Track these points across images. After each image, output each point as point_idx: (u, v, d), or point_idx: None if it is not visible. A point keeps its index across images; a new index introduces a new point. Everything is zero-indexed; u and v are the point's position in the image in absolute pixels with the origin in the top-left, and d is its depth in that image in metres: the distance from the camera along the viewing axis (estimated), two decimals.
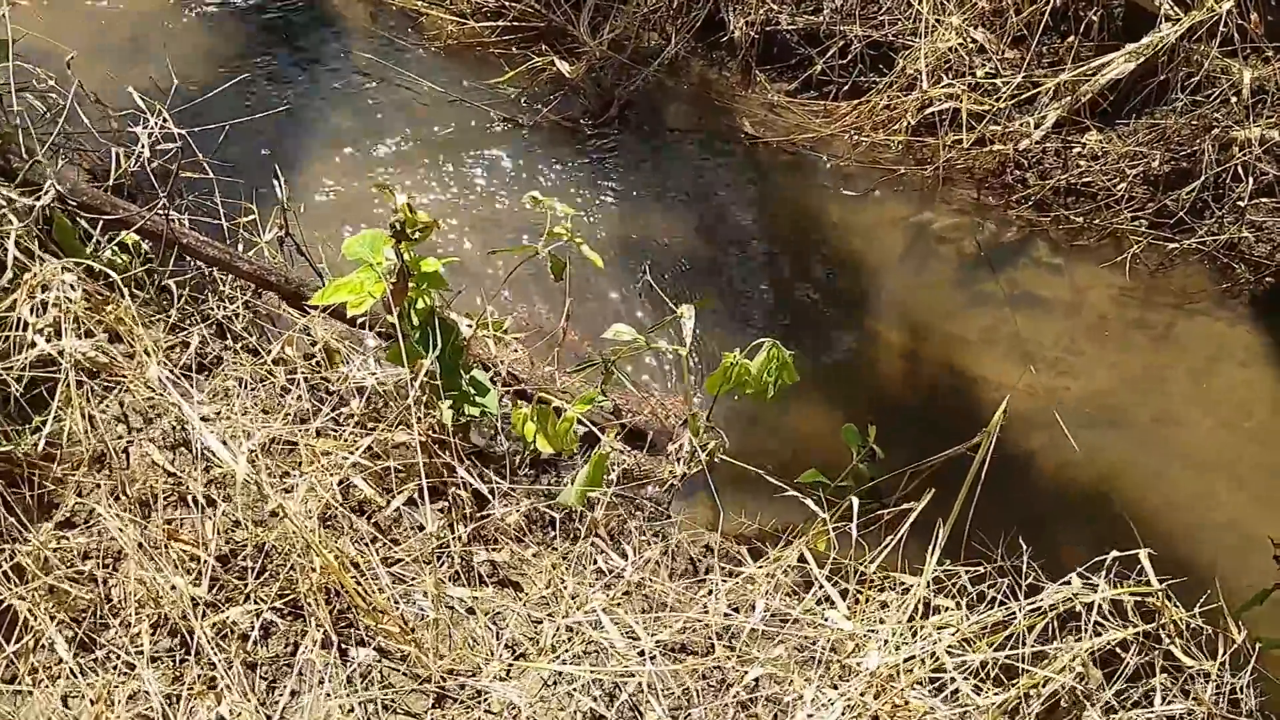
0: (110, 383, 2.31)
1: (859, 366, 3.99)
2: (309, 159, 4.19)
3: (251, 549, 2.45)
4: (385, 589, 2.44)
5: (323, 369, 2.96)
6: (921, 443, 3.66)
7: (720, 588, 2.62)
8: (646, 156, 4.44)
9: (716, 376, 3.18)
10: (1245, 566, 3.55)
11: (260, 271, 3.05)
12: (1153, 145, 4.20)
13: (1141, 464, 3.83)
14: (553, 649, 2.43)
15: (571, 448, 2.75)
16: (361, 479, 2.49)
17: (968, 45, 4.26)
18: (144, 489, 2.46)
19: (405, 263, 2.42)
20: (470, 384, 2.76)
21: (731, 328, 3.96)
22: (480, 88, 4.55)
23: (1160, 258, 4.25)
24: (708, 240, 4.20)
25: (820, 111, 4.58)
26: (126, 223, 2.88)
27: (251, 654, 2.29)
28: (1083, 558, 2.79)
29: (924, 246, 4.36)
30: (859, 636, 2.28)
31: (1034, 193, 4.36)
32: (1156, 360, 4.09)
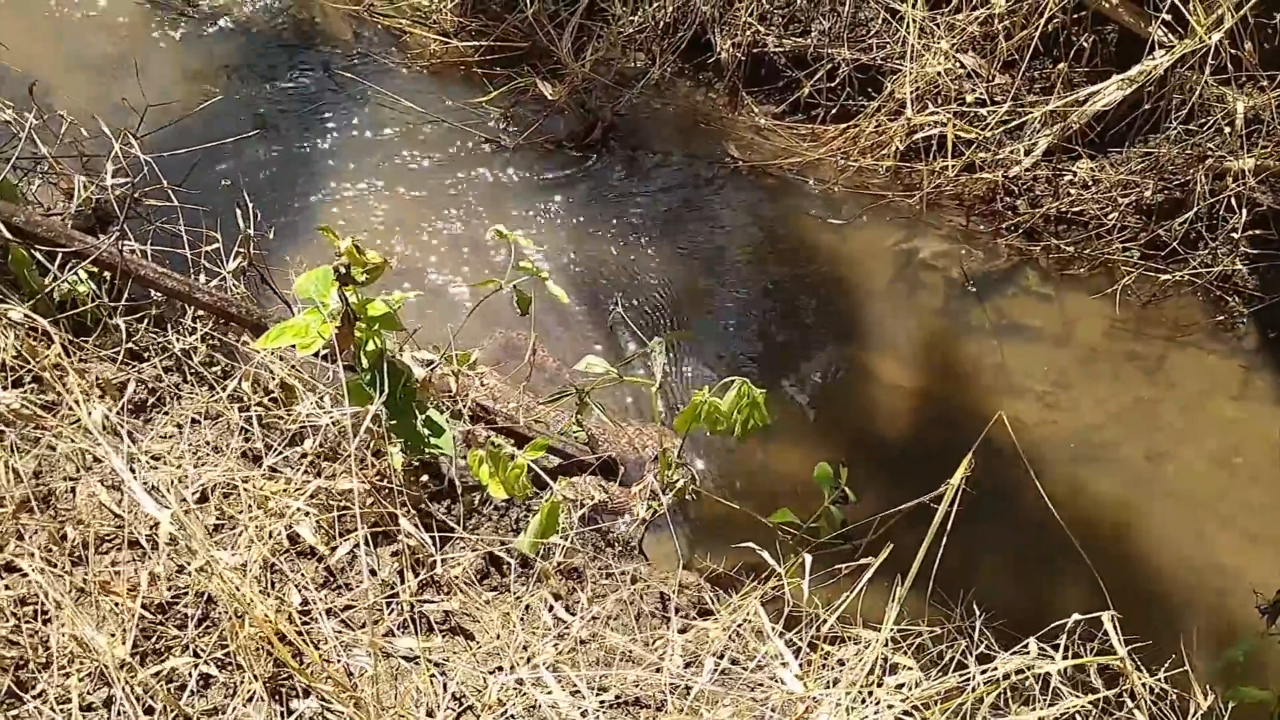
0: (44, 429, 2.25)
1: (842, 398, 3.92)
2: (286, 182, 4.14)
3: (193, 595, 2.39)
4: (328, 639, 2.38)
5: (280, 405, 2.90)
6: (904, 477, 3.57)
7: (676, 640, 2.55)
8: (630, 179, 4.38)
9: (686, 414, 3.11)
10: (1231, 609, 3.48)
11: (221, 303, 2.99)
12: (1145, 174, 4.11)
13: (1129, 501, 3.75)
14: (500, 703, 2.36)
15: (525, 493, 2.68)
16: (307, 525, 2.43)
17: (956, 70, 4.18)
18: (86, 531, 2.41)
19: (350, 306, 2.36)
20: (426, 424, 2.70)
21: (712, 358, 3.90)
22: (463, 108, 4.49)
23: (1152, 289, 4.16)
24: (690, 266, 4.13)
25: (807, 135, 4.51)
26: (82, 254, 2.83)
27: (186, 707, 2.23)
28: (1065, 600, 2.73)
29: (911, 274, 4.28)
30: (808, 699, 2.20)
31: (1024, 220, 4.27)
32: (1147, 394, 4.01)
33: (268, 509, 2.51)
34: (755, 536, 3.21)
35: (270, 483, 2.54)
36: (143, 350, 2.98)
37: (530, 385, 3.67)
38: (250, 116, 4.33)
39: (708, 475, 3.46)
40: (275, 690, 2.31)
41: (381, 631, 2.50)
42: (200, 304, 2.99)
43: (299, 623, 2.40)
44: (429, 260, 4.00)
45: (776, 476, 3.65)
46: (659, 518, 3.30)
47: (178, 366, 2.99)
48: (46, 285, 2.82)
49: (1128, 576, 3.52)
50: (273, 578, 2.48)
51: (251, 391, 2.87)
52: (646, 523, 3.29)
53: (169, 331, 3.03)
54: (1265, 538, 3.67)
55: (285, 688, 2.34)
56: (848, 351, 4.02)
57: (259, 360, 2.92)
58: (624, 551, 3.27)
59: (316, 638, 2.42)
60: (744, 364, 3.90)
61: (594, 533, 3.22)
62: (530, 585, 2.66)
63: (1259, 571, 3.40)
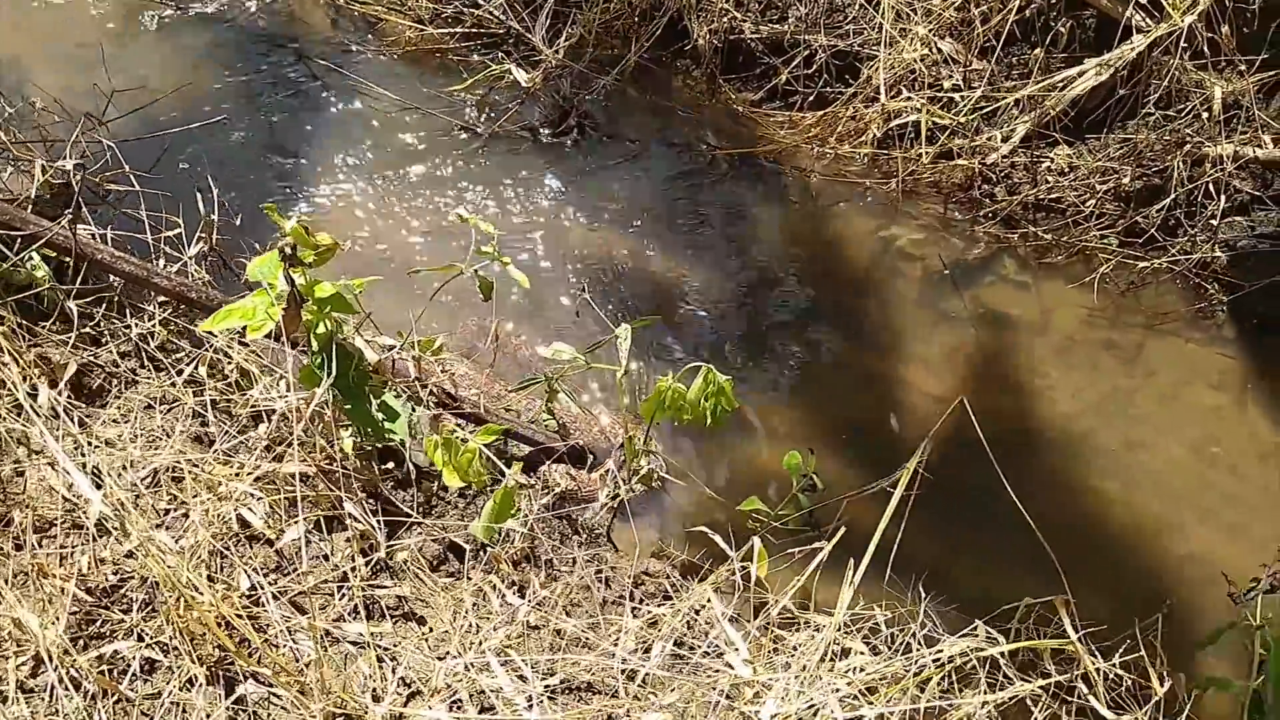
0: None
1: (815, 385, 3.88)
2: (257, 169, 4.12)
3: (138, 579, 2.38)
4: (275, 623, 2.36)
5: (238, 390, 2.88)
6: (875, 465, 3.55)
7: (629, 625, 2.52)
8: (604, 167, 4.34)
9: (651, 401, 3.09)
10: (1207, 600, 3.44)
11: (180, 288, 2.98)
12: (1124, 161, 4.07)
13: (1105, 491, 3.71)
14: (448, 687, 2.34)
15: (481, 480, 2.66)
16: (253, 509, 2.41)
17: (933, 56, 4.14)
18: (33, 515, 2.39)
19: (296, 288, 2.34)
20: (380, 409, 2.68)
21: (684, 344, 3.87)
22: (438, 95, 4.46)
23: (1130, 276, 4.12)
24: (664, 253, 4.10)
25: (785, 122, 4.47)
26: (35, 237, 2.81)
27: (128, 691, 2.21)
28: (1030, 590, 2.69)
29: (888, 262, 4.25)
30: (756, 683, 2.18)
31: (1002, 208, 4.23)
32: (1125, 383, 3.97)
33: (217, 492, 2.49)
34: (726, 522, 3.20)
35: (220, 467, 2.53)
36: (100, 335, 2.96)
37: (502, 372, 3.64)
38: (223, 103, 4.30)
39: (678, 463, 3.43)
40: (219, 674, 2.29)
41: (332, 616, 2.48)
42: (158, 288, 2.97)
43: (246, 607, 2.38)
44: (400, 246, 3.97)
45: (748, 464, 3.62)
46: (629, 505, 3.28)
47: (136, 352, 2.98)
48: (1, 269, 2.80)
49: (1102, 568, 3.48)
50: (222, 562, 2.46)
51: (208, 376, 2.85)
52: (613, 510, 3.27)
53: (128, 317, 3.01)
54: (1243, 528, 3.63)
55: (230, 672, 2.32)
56: (822, 338, 3.98)
57: (216, 345, 2.90)
58: (590, 539, 3.24)
59: (265, 622, 2.41)
60: (716, 351, 3.87)
61: (560, 520, 3.20)
62: (483, 570, 2.64)
63: (1237, 563, 3.36)
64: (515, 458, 3.31)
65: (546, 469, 3.33)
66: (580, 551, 3.02)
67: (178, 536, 2.36)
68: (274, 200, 3.99)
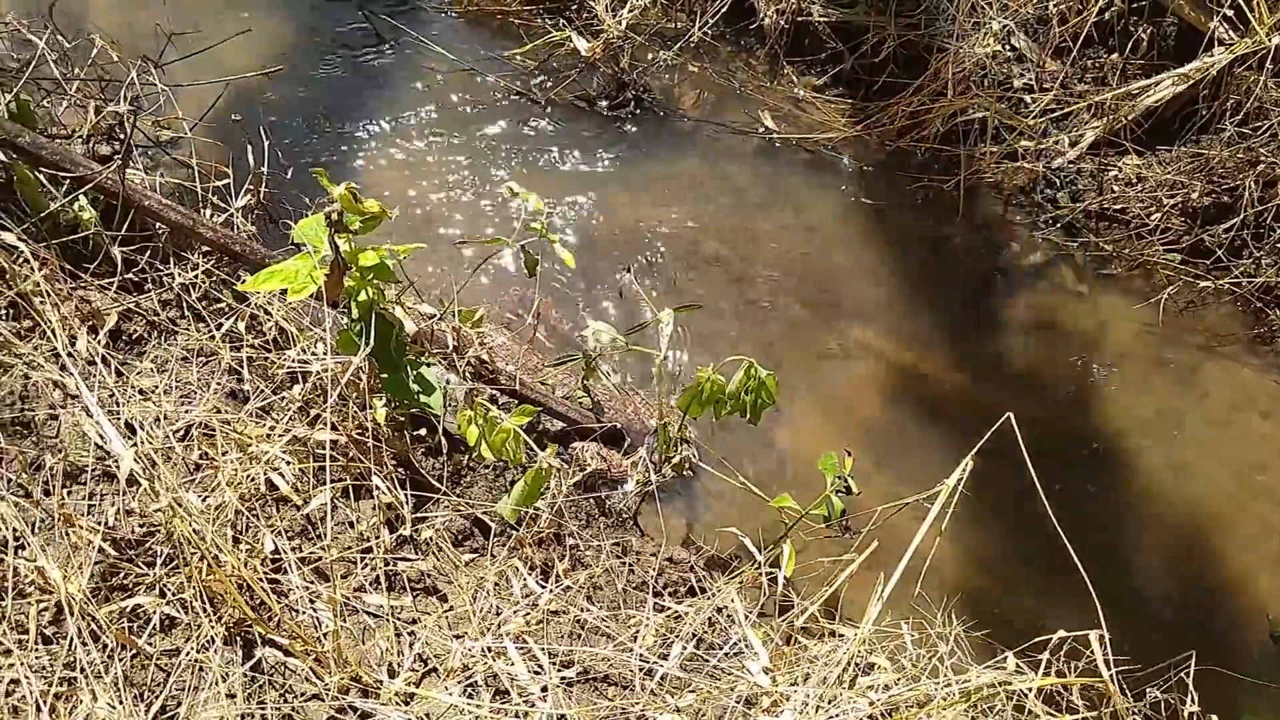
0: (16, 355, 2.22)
1: (857, 383, 3.81)
2: (309, 124, 4.08)
3: (164, 533, 2.37)
4: (296, 589, 2.35)
5: (276, 349, 2.86)
6: (912, 470, 3.50)
7: (651, 620, 2.49)
8: (658, 144, 4.27)
9: (689, 393, 3.04)
10: (1243, 632, 3.36)
11: (224, 239, 2.95)
12: (1194, 175, 3.94)
13: (1146, 512, 3.62)
14: (464, 668, 2.32)
15: (518, 458, 2.62)
16: (282, 474, 2.39)
17: (1006, 53, 4.02)
18: (64, 461, 2.39)
19: (340, 255, 2.30)
20: (416, 380, 2.65)
21: (727, 332, 3.80)
22: (497, 58, 4.40)
23: (1191, 295, 4.01)
24: (714, 236, 4.03)
25: (846, 110, 4.37)
26: (84, 180, 2.79)
27: (147, 645, 2.20)
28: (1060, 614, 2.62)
29: (941, 261, 4.16)
30: (776, 693, 2.14)
31: (1064, 215, 4.12)
32: (1175, 404, 3.87)
33: (247, 453, 2.47)
34: (756, 518, 3.16)
35: (253, 426, 2.51)
36: (142, 282, 2.95)
37: (539, 347, 3.61)
38: (281, 54, 4.26)
39: (711, 452, 3.38)
40: (237, 637, 2.29)
41: (353, 586, 2.47)
42: (203, 239, 2.95)
43: (268, 571, 2.37)
44: (447, 212, 3.93)
45: (782, 459, 3.56)
46: (658, 491, 3.24)
47: (177, 302, 2.96)
48: (49, 209, 2.79)
49: (1135, 591, 3.41)
50: (247, 523, 2.45)
51: (247, 332, 2.83)
52: (641, 495, 3.24)
53: (172, 265, 3.00)
54: None
55: (249, 635, 2.31)
56: (868, 336, 3.90)
57: (258, 302, 2.88)
58: (617, 523, 3.21)
59: (286, 587, 2.39)
60: (758, 340, 3.80)
61: (588, 501, 3.17)
62: (507, 552, 2.61)
63: (1276, 595, 3.28)
64: (548, 435, 3.28)
65: (578, 447, 3.30)
66: (606, 536, 2.98)
67: (205, 495, 2.35)
68: (322, 156, 3.96)
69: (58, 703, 2.01)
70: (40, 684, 2.01)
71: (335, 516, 2.59)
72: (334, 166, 3.96)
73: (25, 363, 2.12)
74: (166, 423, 2.39)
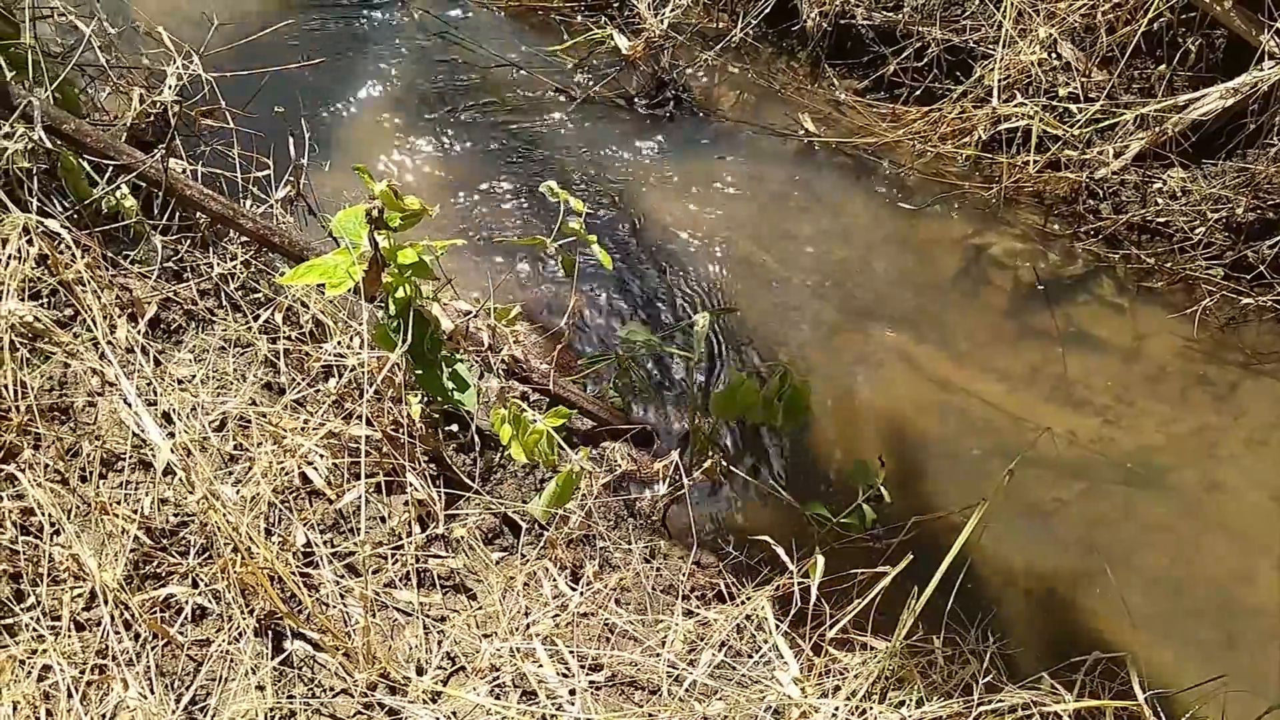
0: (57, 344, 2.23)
1: (891, 390, 3.78)
2: (349, 115, 4.09)
3: (198, 524, 2.38)
4: (326, 583, 2.35)
5: (312, 342, 2.87)
6: (945, 480, 3.48)
7: (679, 625, 2.48)
8: (697, 145, 4.25)
9: (724, 397, 3.03)
10: (1276, 653, 3.31)
11: (264, 231, 2.96)
12: (1239, 190, 3.88)
13: (1179, 531, 3.57)
14: (493, 668, 2.32)
15: (550, 460, 2.62)
16: (315, 467, 2.40)
17: (1051, 61, 3.97)
18: (102, 448, 2.40)
19: (379, 251, 2.30)
20: (451, 378, 2.65)
21: (762, 336, 3.78)
22: (537, 54, 4.40)
23: (1232, 312, 3.95)
24: (750, 239, 4.01)
25: (887, 115, 4.34)
26: (128, 168, 2.80)
27: (178, 635, 2.21)
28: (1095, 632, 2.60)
29: (979, 271, 4.12)
30: (804, 705, 2.12)
31: (1105, 226, 4.07)
32: (1213, 421, 3.81)
33: (282, 445, 2.48)
34: (786, 524, 3.14)
35: (287, 419, 2.51)
36: (182, 272, 2.96)
37: (574, 346, 3.60)
38: (323, 46, 4.27)
39: (743, 457, 3.36)
40: (268, 630, 2.29)
41: (383, 582, 2.47)
42: (242, 229, 2.95)
43: (300, 564, 2.38)
44: (483, 208, 3.93)
45: (814, 465, 3.54)
46: (690, 494, 3.23)
47: (215, 292, 2.97)
48: (92, 197, 2.80)
49: (1168, 611, 3.37)
50: (280, 515, 2.46)
51: (284, 324, 2.84)
52: (671, 498, 3.22)
53: (211, 255, 3.01)
54: None
55: (280, 628, 2.31)
56: (904, 343, 3.87)
57: (295, 294, 2.89)
58: (645, 525, 3.20)
59: (317, 581, 2.40)
60: (793, 345, 3.78)
61: (618, 502, 3.16)
62: (537, 552, 2.61)
63: None
64: (578, 434, 3.28)
65: (609, 447, 3.29)
66: (635, 539, 2.97)
67: (239, 487, 2.35)
68: (361, 149, 3.97)
69: (89, 690, 2.03)
70: (72, 671, 2.02)
71: (367, 511, 2.59)
72: (373, 161, 3.97)
73: (66, 351, 2.13)
74: (203, 413, 2.39)
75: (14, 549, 2.08)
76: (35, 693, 2.01)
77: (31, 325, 2.07)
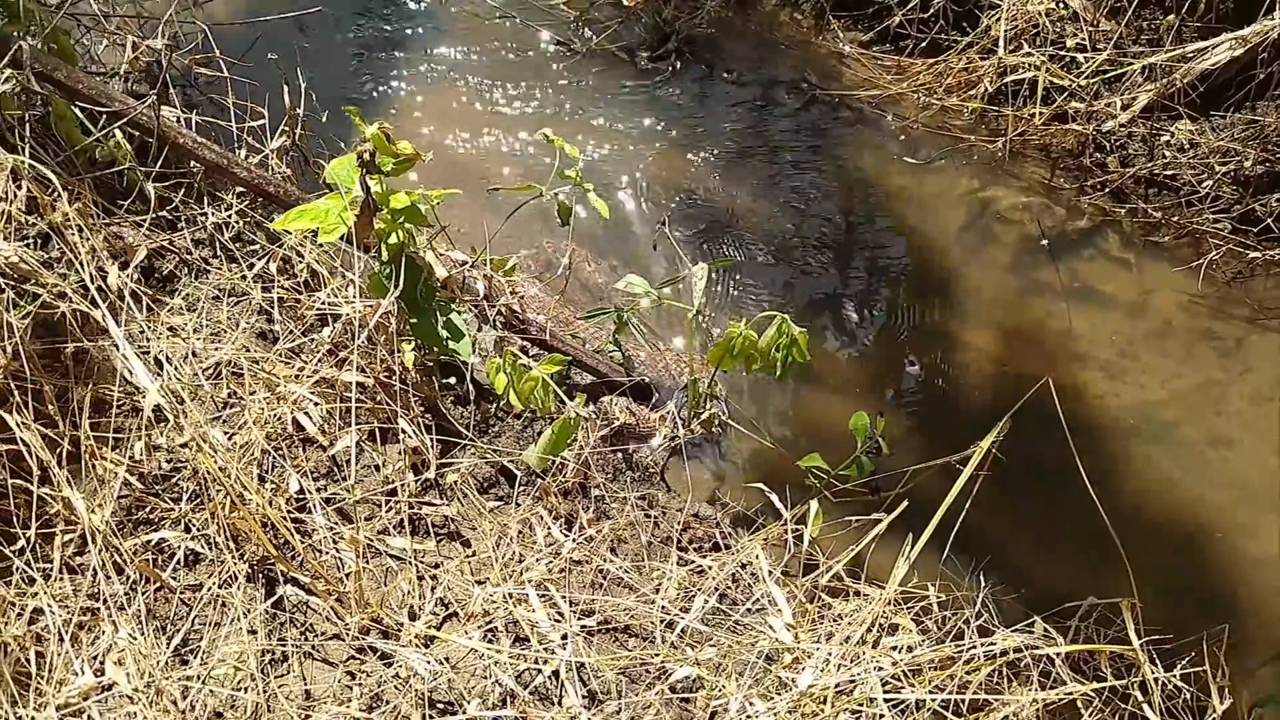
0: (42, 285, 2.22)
1: (892, 343, 3.76)
2: (348, 65, 4.06)
3: (190, 470, 2.37)
4: (319, 529, 2.35)
5: (305, 290, 2.85)
6: (945, 434, 3.45)
7: (674, 573, 2.47)
8: (699, 97, 4.20)
9: (720, 348, 3.00)
10: (1277, 608, 3.30)
11: (258, 180, 2.94)
12: (1248, 143, 3.82)
13: (1183, 485, 3.55)
14: (485, 613, 2.32)
15: (546, 407, 2.60)
16: (309, 414, 2.39)
17: (1059, 10, 3.90)
18: (93, 393, 2.39)
19: (371, 196, 2.28)
20: (445, 326, 2.63)
21: (761, 288, 3.75)
22: (538, 6, 4.34)
23: (1240, 266, 3.90)
24: (752, 192, 3.97)
25: (892, 68, 4.28)
26: (120, 115, 2.78)
27: (170, 579, 2.22)
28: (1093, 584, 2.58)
29: (984, 225, 4.07)
30: (797, 650, 2.12)
31: (1112, 180, 4.02)
32: (1219, 375, 3.78)
33: (275, 392, 2.47)
34: (785, 477, 3.12)
35: (281, 367, 2.50)
36: (176, 221, 2.94)
37: (572, 298, 3.58)
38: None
39: (741, 409, 3.34)
40: (260, 574, 2.29)
41: (376, 529, 2.47)
42: (237, 179, 2.93)
43: (292, 511, 2.37)
44: (482, 158, 3.90)
45: (813, 418, 3.52)
46: (686, 446, 3.22)
47: (210, 241, 2.95)
48: (84, 144, 2.78)
49: (1170, 563, 3.35)
50: (273, 462, 2.45)
51: (278, 273, 2.83)
52: (668, 450, 3.21)
53: (206, 205, 2.99)
54: None
55: (272, 573, 2.32)
56: (905, 297, 3.84)
57: (291, 243, 2.87)
58: (643, 477, 3.19)
59: (309, 527, 2.40)
60: (793, 297, 3.75)
61: (616, 455, 3.15)
62: (531, 500, 2.60)
63: None
64: (577, 387, 3.26)
65: (607, 400, 3.27)
66: (632, 489, 2.96)
67: (231, 433, 2.35)
68: (359, 99, 3.94)
69: (80, 632, 2.03)
70: (63, 613, 2.02)
71: (361, 460, 2.59)
72: (368, 108, 3.93)
73: (52, 292, 2.12)
74: (195, 360, 2.38)
75: (2, 492, 2.08)
76: (27, 634, 2.02)
77: (17, 266, 2.06)
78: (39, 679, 1.97)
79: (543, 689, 2.19)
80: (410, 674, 2.10)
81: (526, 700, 2.10)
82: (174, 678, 2.03)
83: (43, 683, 1.96)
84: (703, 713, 2.15)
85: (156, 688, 1.97)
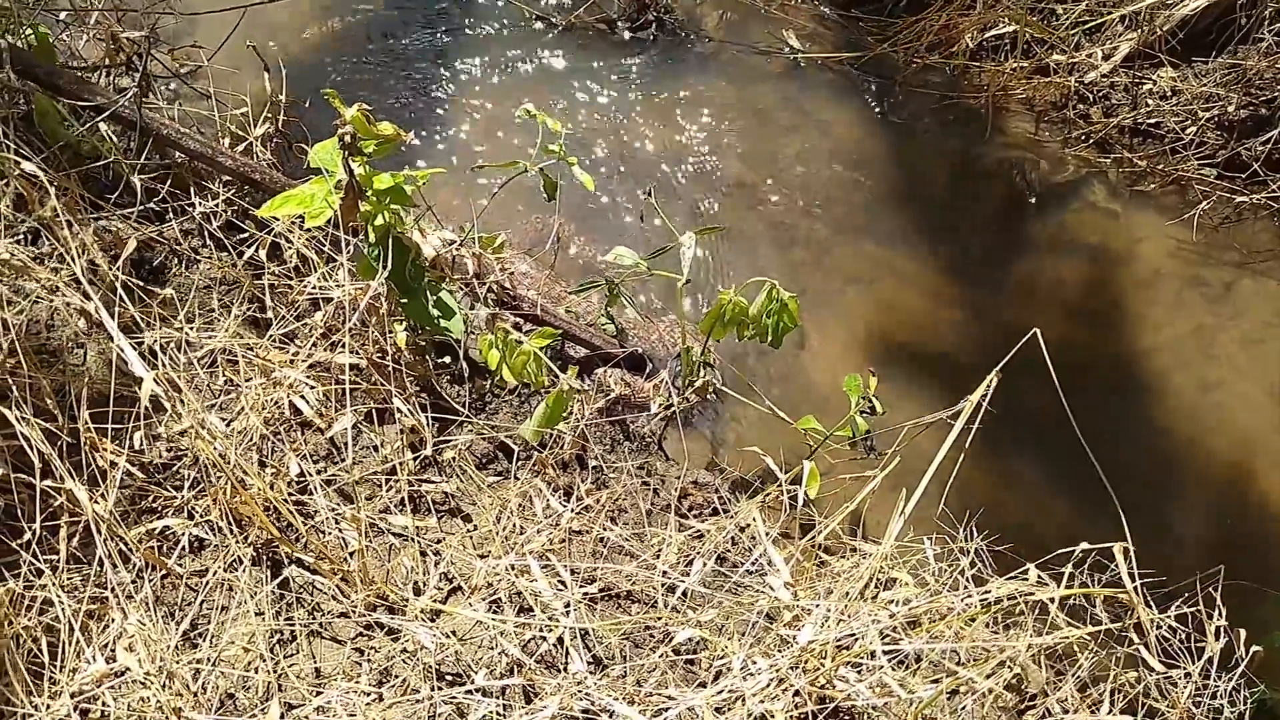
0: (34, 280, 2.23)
1: (882, 305, 3.77)
2: (327, 50, 4.05)
3: (191, 458, 2.40)
4: (321, 511, 2.37)
5: (295, 275, 2.86)
6: (940, 391, 3.47)
7: (673, 538, 2.50)
8: (680, 66, 4.20)
9: (711, 315, 3.02)
10: (1272, 547, 3.34)
11: (244, 168, 2.95)
12: (1230, 87, 3.83)
13: (1176, 431, 3.58)
14: (488, 586, 2.35)
15: (539, 380, 2.62)
16: (305, 398, 2.41)
17: None
18: (91, 388, 2.41)
19: (355, 178, 2.29)
20: (436, 305, 2.65)
21: (752, 257, 3.77)
22: None
23: (1226, 211, 3.92)
24: (737, 159, 3.98)
25: (873, 28, 4.27)
26: (101, 109, 2.79)
27: (176, 566, 2.24)
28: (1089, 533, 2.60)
29: (970, 181, 4.08)
30: (796, 608, 2.15)
31: (1096, 130, 4.03)
32: (1209, 321, 3.80)
33: (270, 378, 2.49)
34: (781, 440, 3.15)
35: (275, 352, 2.52)
36: (164, 212, 2.95)
37: (562, 273, 3.59)
38: None
39: (736, 375, 3.37)
40: (265, 557, 2.32)
41: (378, 508, 2.49)
42: (222, 168, 2.94)
43: (293, 494, 2.40)
44: (466, 137, 3.90)
45: (807, 381, 3.55)
46: (682, 415, 3.24)
47: (199, 231, 2.96)
48: (68, 138, 2.79)
49: (1164, 509, 3.39)
50: (272, 447, 2.47)
51: (268, 260, 2.84)
52: (664, 419, 3.23)
53: (193, 195, 3.00)
54: None
55: (277, 555, 2.34)
56: (893, 257, 3.85)
57: (278, 229, 2.88)
58: (641, 447, 3.22)
59: (311, 509, 2.42)
60: (782, 263, 3.77)
61: (612, 426, 3.17)
62: (529, 473, 2.63)
63: None
64: (571, 360, 3.28)
65: (602, 373, 3.29)
66: (630, 459, 2.99)
67: (229, 419, 2.37)
68: (340, 82, 3.93)
69: (90, 621, 2.06)
70: (72, 603, 2.05)
71: (360, 441, 2.61)
72: (347, 91, 3.93)
73: (44, 286, 2.13)
74: (190, 349, 2.40)
75: (5, 487, 2.10)
76: (38, 624, 2.05)
77: (8, 262, 2.07)
78: (52, 668, 2.00)
79: (548, 657, 2.22)
80: (418, 648, 2.13)
81: (533, 668, 2.14)
82: (185, 661, 2.06)
83: (56, 671, 1.99)
84: (706, 673, 2.18)
85: (168, 671, 2.00)
